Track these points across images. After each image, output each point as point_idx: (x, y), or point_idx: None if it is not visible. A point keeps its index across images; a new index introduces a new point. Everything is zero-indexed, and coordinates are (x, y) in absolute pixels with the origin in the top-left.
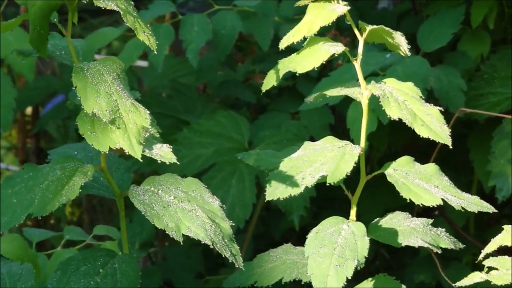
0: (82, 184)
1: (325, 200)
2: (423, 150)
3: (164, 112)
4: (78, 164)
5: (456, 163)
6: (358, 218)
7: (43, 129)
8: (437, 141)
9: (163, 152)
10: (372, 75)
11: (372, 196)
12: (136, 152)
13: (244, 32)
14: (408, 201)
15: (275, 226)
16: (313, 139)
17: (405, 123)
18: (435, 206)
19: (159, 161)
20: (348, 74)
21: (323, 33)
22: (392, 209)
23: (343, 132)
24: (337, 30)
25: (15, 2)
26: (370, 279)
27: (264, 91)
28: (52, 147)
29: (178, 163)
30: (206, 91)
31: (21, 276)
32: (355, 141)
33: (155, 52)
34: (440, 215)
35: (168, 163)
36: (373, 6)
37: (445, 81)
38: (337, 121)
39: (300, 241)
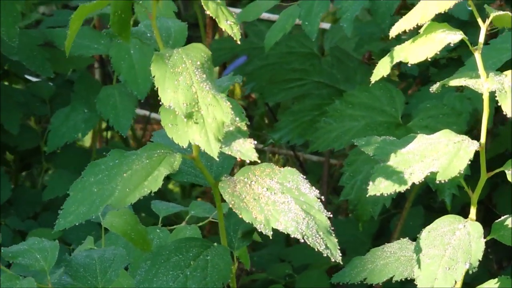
0: (166, 175)
1: None
2: None
3: (323, 81)
4: (166, 153)
5: None
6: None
7: None
8: None
9: (244, 149)
10: None
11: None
12: (213, 149)
13: None
14: None
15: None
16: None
17: None
18: None
19: (238, 159)
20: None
21: None
22: None
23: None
24: None
25: None
26: (495, 280)
27: (373, 81)
28: None
29: (259, 161)
30: (371, 60)
31: (113, 263)
32: None
33: (239, 42)
34: None
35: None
36: None
37: None
38: None
39: None
